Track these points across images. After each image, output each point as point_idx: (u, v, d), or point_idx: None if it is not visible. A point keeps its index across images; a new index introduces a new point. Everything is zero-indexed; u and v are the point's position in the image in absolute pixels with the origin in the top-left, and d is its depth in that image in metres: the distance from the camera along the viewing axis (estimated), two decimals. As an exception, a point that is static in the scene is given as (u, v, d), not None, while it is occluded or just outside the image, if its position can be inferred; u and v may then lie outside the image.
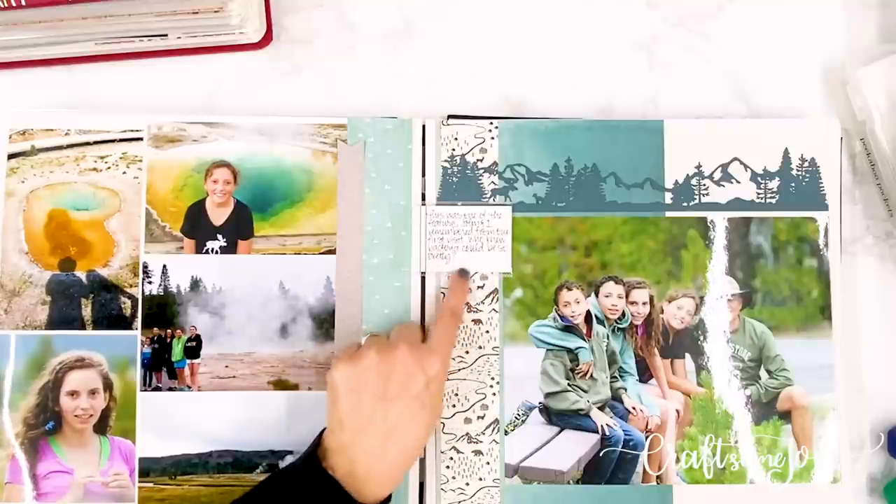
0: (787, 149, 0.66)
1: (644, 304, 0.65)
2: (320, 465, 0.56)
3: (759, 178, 0.66)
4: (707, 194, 0.66)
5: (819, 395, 0.65)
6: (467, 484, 0.64)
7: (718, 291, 0.66)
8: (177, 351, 0.64)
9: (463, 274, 0.64)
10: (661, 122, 0.66)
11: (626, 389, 0.65)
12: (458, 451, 0.64)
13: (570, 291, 0.65)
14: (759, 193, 0.66)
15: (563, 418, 0.64)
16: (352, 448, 0.56)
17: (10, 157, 0.65)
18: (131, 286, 0.65)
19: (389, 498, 0.58)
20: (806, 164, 0.66)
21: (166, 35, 0.65)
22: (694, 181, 0.66)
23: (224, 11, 0.63)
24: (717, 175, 0.66)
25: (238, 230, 0.65)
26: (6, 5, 0.60)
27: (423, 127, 0.66)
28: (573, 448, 0.64)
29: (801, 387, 0.65)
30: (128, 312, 0.65)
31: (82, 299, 0.65)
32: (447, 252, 0.65)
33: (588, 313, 0.65)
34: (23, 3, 0.60)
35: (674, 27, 0.70)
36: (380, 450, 0.56)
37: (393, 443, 0.57)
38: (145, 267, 0.65)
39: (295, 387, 0.64)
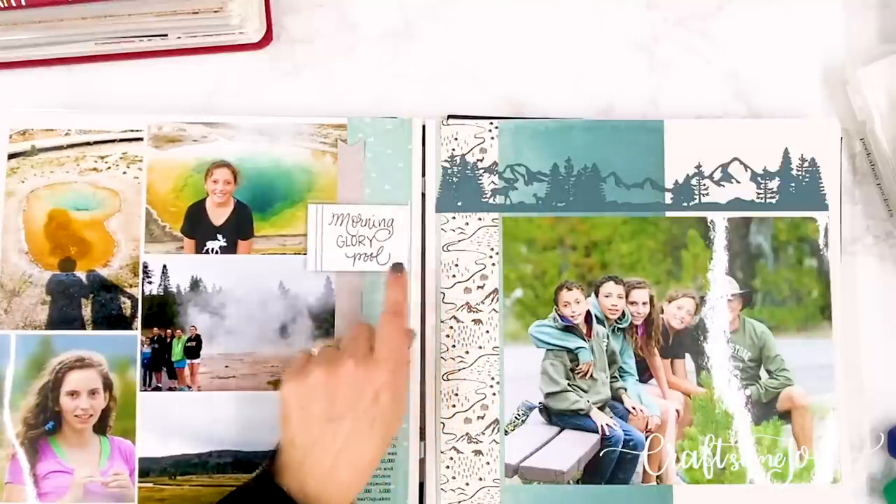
0: (787, 149, 0.66)
1: (644, 304, 0.65)
2: (273, 481, 0.55)
3: (759, 178, 0.66)
4: (707, 194, 0.66)
5: (819, 395, 0.65)
6: (467, 484, 0.64)
7: (718, 291, 0.66)
8: (177, 351, 0.64)
9: (397, 269, 0.63)
10: (661, 122, 0.66)
11: (626, 389, 0.65)
12: (458, 451, 0.64)
13: (570, 291, 0.65)
14: (759, 193, 0.66)
15: (563, 418, 0.64)
16: (303, 467, 0.55)
17: (11, 157, 0.65)
18: (131, 286, 0.65)
19: None
20: (806, 164, 0.66)
21: (166, 35, 0.65)
22: (694, 181, 0.66)
23: (224, 11, 0.63)
24: (717, 175, 0.66)
25: (238, 230, 0.65)
26: (6, 5, 0.60)
27: (423, 127, 0.66)
28: (573, 448, 0.64)
29: (801, 387, 0.65)
30: (128, 312, 0.65)
31: (82, 299, 0.65)
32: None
33: (588, 313, 0.65)
34: (23, 3, 0.60)
35: (674, 27, 0.70)
36: (331, 469, 0.55)
37: (344, 462, 0.55)
38: (145, 267, 0.65)
39: (295, 387, 0.64)
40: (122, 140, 0.66)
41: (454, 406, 0.64)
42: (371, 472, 0.57)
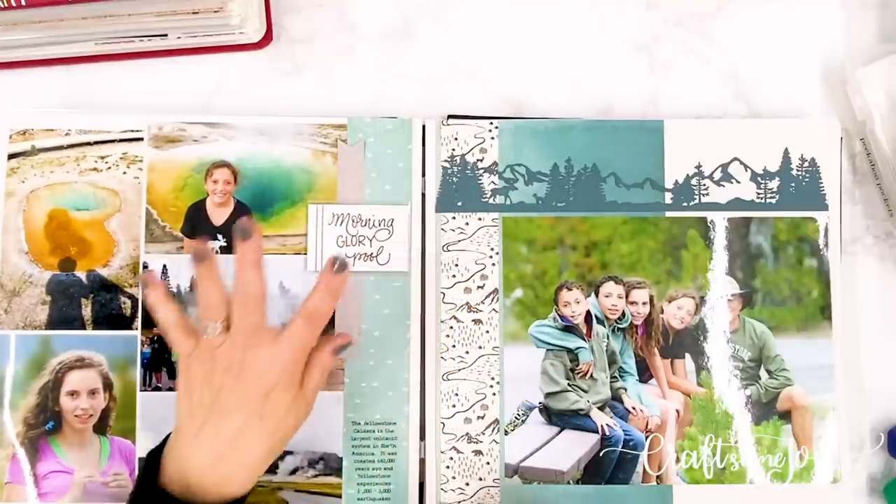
0: (787, 149, 0.66)
1: (644, 304, 0.65)
2: (155, 483, 0.52)
3: (759, 178, 0.66)
4: (707, 194, 0.66)
5: (819, 395, 0.65)
6: (467, 484, 0.64)
7: (718, 291, 0.66)
8: (177, 351, 0.64)
9: (339, 267, 0.56)
10: (661, 122, 0.66)
11: (626, 389, 0.65)
12: (458, 451, 0.64)
13: (570, 291, 0.65)
14: (759, 193, 0.66)
15: (563, 418, 0.64)
16: (186, 459, 0.53)
17: (11, 157, 0.65)
18: (131, 286, 0.65)
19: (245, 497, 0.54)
20: (806, 164, 0.66)
21: (166, 35, 0.65)
22: (694, 181, 0.66)
23: (224, 11, 0.63)
24: (717, 175, 0.66)
25: (238, 230, 0.65)
26: (6, 5, 0.60)
27: (423, 127, 0.66)
28: (573, 448, 0.64)
29: (801, 387, 0.65)
30: (128, 312, 0.65)
31: (82, 299, 0.65)
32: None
33: (588, 313, 0.65)
34: (23, 3, 0.60)
35: (673, 28, 0.70)
36: (214, 464, 0.52)
37: (229, 457, 0.53)
38: (145, 267, 0.65)
39: (295, 387, 0.64)
40: (122, 140, 0.66)
41: (454, 406, 0.64)
42: (261, 470, 0.54)
